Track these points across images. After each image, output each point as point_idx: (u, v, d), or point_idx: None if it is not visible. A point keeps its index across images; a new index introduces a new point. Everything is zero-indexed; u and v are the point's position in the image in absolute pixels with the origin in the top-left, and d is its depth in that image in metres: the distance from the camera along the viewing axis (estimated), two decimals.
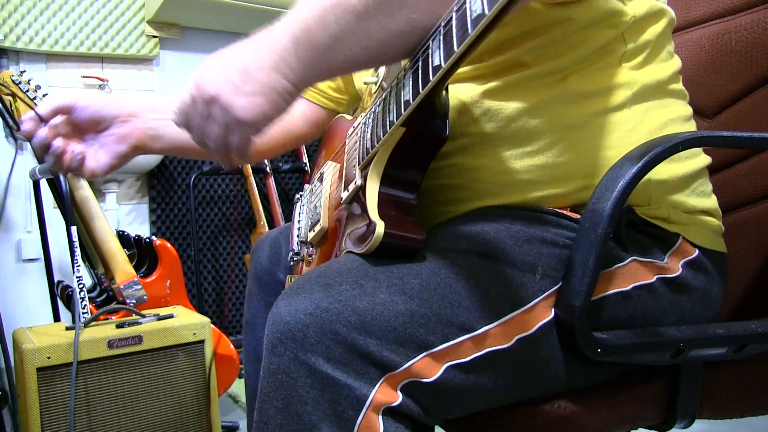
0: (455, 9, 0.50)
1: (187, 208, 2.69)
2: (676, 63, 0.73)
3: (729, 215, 0.80)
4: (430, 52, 0.53)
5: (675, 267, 0.66)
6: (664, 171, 0.66)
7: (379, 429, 0.52)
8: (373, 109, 0.68)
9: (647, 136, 0.66)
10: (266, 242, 1.00)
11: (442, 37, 0.51)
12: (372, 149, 0.63)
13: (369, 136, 0.66)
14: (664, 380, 0.65)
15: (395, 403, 0.53)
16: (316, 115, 1.02)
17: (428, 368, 0.55)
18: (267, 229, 2.61)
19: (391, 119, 0.60)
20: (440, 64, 0.51)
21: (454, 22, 0.49)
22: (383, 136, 0.61)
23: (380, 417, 0.52)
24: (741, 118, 0.84)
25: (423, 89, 0.54)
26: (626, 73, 0.67)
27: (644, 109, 0.67)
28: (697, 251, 0.67)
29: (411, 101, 0.56)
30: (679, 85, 0.73)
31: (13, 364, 1.30)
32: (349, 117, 0.88)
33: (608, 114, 0.66)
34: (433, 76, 0.52)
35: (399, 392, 0.54)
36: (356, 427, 0.52)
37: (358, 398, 0.52)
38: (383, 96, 0.65)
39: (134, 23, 2.59)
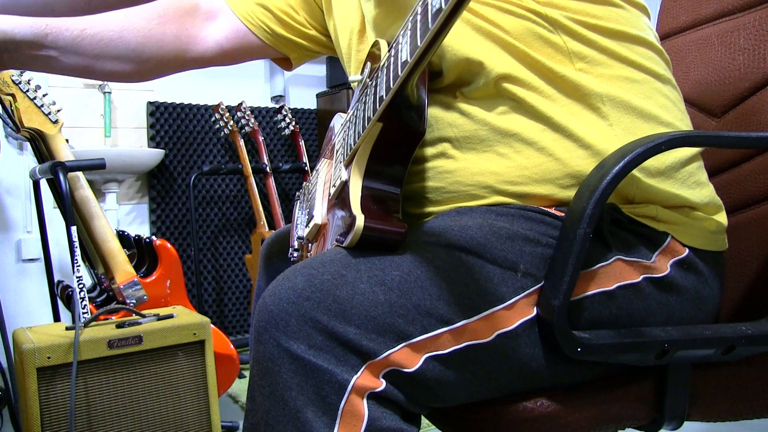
0: (420, 4, 0.51)
1: (187, 208, 2.69)
2: (656, 52, 0.71)
3: (733, 216, 0.80)
4: (399, 48, 0.55)
5: (663, 267, 0.65)
6: (650, 166, 0.65)
7: (364, 412, 0.53)
8: (356, 106, 0.70)
9: (626, 131, 0.66)
10: (275, 240, 1.00)
11: (409, 33, 0.53)
12: (354, 145, 0.65)
13: (352, 132, 0.67)
14: (651, 381, 0.65)
15: (379, 389, 0.54)
16: (238, 38, 0.96)
17: (408, 358, 0.55)
18: (267, 229, 2.61)
19: (368, 115, 0.62)
20: (407, 59, 0.53)
21: (418, 18, 0.51)
22: (363, 131, 0.62)
23: (365, 401, 0.54)
24: (749, 117, 0.83)
25: (393, 84, 0.56)
26: (596, 70, 0.67)
27: (621, 104, 0.66)
28: (687, 251, 0.67)
29: (384, 96, 0.58)
30: (660, 70, 0.71)
31: (13, 364, 1.30)
32: (344, 114, 0.89)
33: (583, 113, 0.66)
34: (402, 71, 0.54)
35: (382, 379, 0.55)
36: (340, 411, 0.53)
37: (340, 383, 0.53)
38: (365, 92, 0.66)
39: None
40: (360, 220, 0.57)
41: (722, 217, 0.71)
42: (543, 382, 0.63)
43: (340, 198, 0.66)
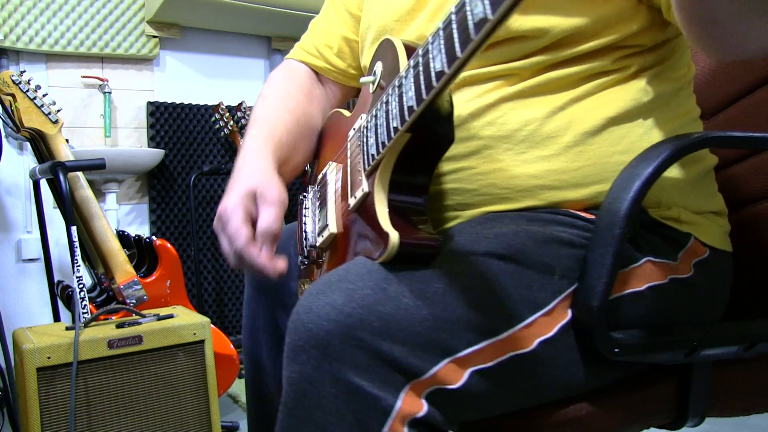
0: (454, 11, 0.48)
1: (187, 208, 2.69)
2: (691, 70, 0.73)
3: (728, 215, 0.80)
4: (431, 57, 0.51)
5: (687, 267, 0.66)
6: (675, 173, 0.66)
7: None
8: (374, 113, 0.65)
9: (658, 140, 0.66)
10: None
11: (443, 41, 0.49)
12: (377, 155, 0.61)
13: (372, 141, 0.63)
14: (675, 380, 0.66)
15: (420, 414, 0.52)
16: (342, 97, 0.98)
17: (453, 374, 0.54)
18: None
19: (394, 125, 0.58)
20: (444, 70, 0.49)
21: (454, 25, 0.47)
22: (388, 142, 0.59)
23: (406, 429, 0.51)
24: (739, 119, 0.84)
25: (427, 95, 0.52)
26: (644, 80, 0.67)
27: (657, 114, 0.67)
28: (707, 251, 0.67)
29: (415, 107, 0.54)
30: (690, 89, 0.73)
31: (13, 364, 1.30)
32: (345, 112, 0.83)
33: (622, 119, 0.66)
34: (437, 82, 0.50)
35: (423, 401, 0.53)
36: None
37: (384, 409, 0.51)
38: (384, 99, 0.62)
39: (134, 23, 2.59)
40: (395, 237, 0.54)
41: (727, 222, 0.73)
42: (579, 387, 0.62)
43: (362, 210, 0.63)
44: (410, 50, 0.63)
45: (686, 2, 0.55)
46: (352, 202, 0.65)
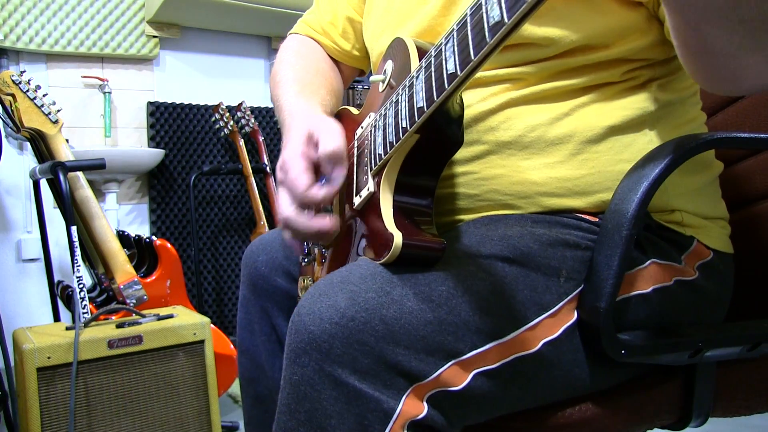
0: (469, 12, 0.47)
1: (187, 208, 2.69)
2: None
3: (729, 216, 0.80)
4: (444, 58, 0.50)
5: (691, 270, 0.66)
6: (683, 179, 0.66)
7: None
8: (382, 112, 0.64)
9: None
10: (260, 247, 0.94)
11: (456, 43, 0.48)
12: (384, 155, 0.60)
13: (380, 140, 0.62)
14: (679, 380, 0.66)
15: (420, 416, 0.52)
16: (344, 77, 0.99)
17: (456, 376, 0.54)
18: (267, 229, 2.61)
19: (404, 126, 0.57)
20: (456, 72, 0.48)
21: (469, 27, 0.46)
22: (396, 142, 0.58)
23: (406, 431, 0.51)
24: (738, 120, 0.84)
25: (438, 97, 0.51)
26: (652, 90, 0.67)
27: (663, 123, 0.67)
28: (711, 254, 0.67)
29: (425, 108, 0.53)
30: (697, 97, 0.72)
31: (13, 364, 1.30)
32: (353, 110, 0.82)
33: (626, 127, 0.65)
34: (449, 84, 0.49)
35: (425, 403, 0.53)
36: None
37: (386, 411, 0.51)
38: (393, 99, 0.61)
39: (134, 23, 2.59)
40: (398, 238, 0.54)
41: (728, 224, 0.73)
42: (583, 388, 0.62)
43: (366, 210, 0.63)
44: (422, 50, 0.62)
45: (680, 30, 0.52)
46: (356, 201, 0.64)
